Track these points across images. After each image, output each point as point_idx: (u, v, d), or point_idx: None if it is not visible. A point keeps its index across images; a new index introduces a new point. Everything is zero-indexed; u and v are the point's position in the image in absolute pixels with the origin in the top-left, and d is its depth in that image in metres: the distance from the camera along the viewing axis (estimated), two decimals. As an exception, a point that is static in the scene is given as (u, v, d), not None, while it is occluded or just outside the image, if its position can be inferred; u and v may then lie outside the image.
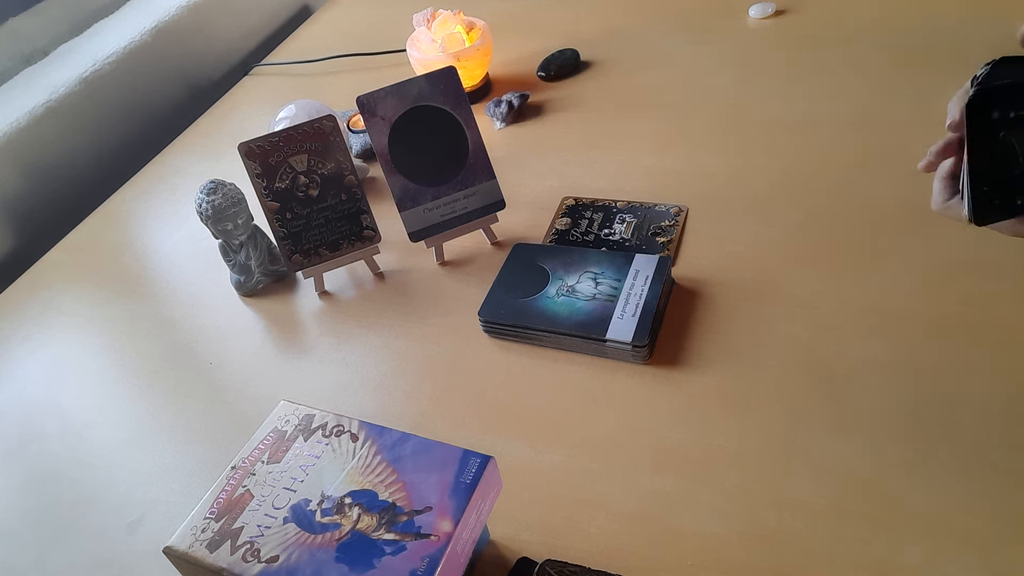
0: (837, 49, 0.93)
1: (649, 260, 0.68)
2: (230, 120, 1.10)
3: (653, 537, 0.51)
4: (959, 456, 0.52)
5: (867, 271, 0.66)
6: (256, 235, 0.77)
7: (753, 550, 0.50)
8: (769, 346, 0.62)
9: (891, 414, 0.55)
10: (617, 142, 0.88)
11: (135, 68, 1.09)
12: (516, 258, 0.72)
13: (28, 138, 0.96)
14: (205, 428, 0.67)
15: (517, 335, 0.67)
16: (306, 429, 0.51)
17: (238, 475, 0.49)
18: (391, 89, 0.73)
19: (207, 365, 0.73)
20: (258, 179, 0.72)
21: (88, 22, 1.13)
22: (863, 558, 0.48)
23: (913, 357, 0.58)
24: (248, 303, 0.79)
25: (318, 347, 0.72)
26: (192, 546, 0.46)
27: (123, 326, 0.79)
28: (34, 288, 0.87)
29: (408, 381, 0.67)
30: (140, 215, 0.95)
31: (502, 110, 0.94)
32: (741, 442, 0.56)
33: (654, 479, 0.55)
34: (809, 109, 0.85)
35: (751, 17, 1.03)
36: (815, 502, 0.51)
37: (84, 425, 0.70)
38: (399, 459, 0.48)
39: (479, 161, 0.75)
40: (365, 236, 0.75)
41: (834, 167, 0.77)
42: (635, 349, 0.62)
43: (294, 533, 0.45)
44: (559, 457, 0.58)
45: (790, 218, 0.73)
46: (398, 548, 0.43)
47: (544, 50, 1.05)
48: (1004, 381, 0.55)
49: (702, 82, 0.94)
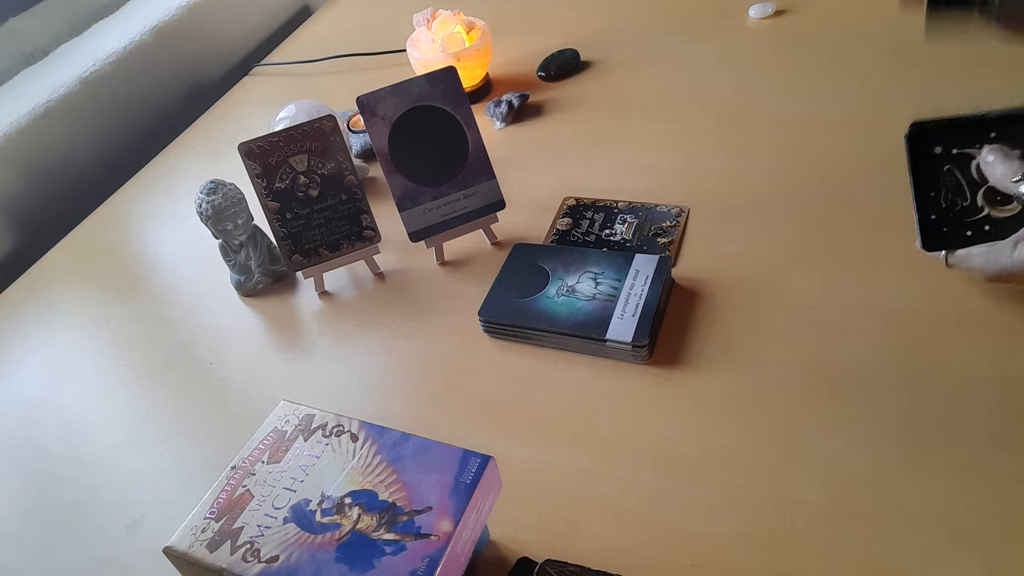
0: (837, 49, 0.93)
1: (649, 260, 0.68)
2: (230, 120, 1.10)
3: (653, 537, 0.51)
4: (959, 456, 0.52)
5: (867, 271, 0.66)
6: (256, 235, 0.77)
7: (753, 550, 0.50)
8: (769, 346, 0.62)
9: (891, 414, 0.55)
10: (617, 142, 0.88)
11: (135, 68, 1.09)
12: (516, 258, 0.72)
13: (28, 138, 0.96)
14: (205, 428, 0.67)
15: (517, 335, 0.67)
16: (306, 429, 0.51)
17: (238, 475, 0.49)
18: (391, 89, 0.73)
19: (207, 365, 0.73)
20: (258, 179, 0.72)
21: (88, 22, 1.13)
22: (863, 558, 0.48)
23: (913, 357, 0.58)
24: (248, 303, 0.79)
25: (318, 347, 0.72)
26: (192, 546, 0.46)
27: (123, 326, 0.79)
28: (34, 288, 0.87)
29: (408, 381, 0.67)
30: (140, 215, 0.95)
31: (502, 110, 0.94)
32: (741, 442, 0.56)
33: (654, 479, 0.55)
34: (809, 109, 0.85)
35: (751, 17, 1.03)
36: (815, 502, 0.51)
37: (84, 425, 0.70)
38: (399, 459, 0.48)
39: (479, 161, 0.75)
40: (365, 236, 0.75)
41: (834, 167, 0.77)
42: (635, 349, 0.62)
43: (294, 533, 0.45)
44: (559, 457, 0.58)
45: (790, 218, 0.73)
46: (398, 548, 0.43)
47: (544, 50, 1.05)
48: (1004, 381, 0.55)
49: (702, 82, 0.94)
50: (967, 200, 0.56)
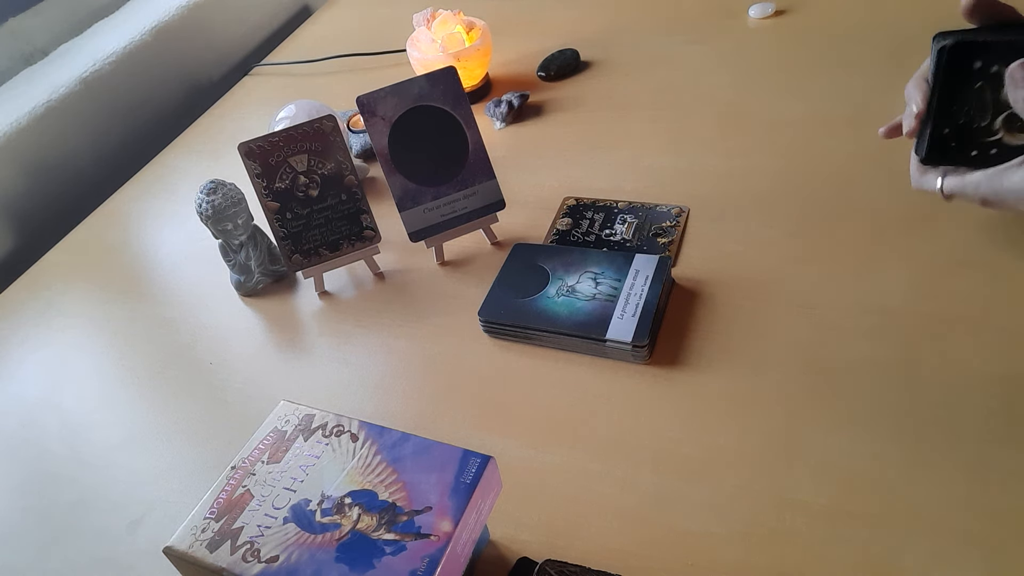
0: (837, 49, 0.93)
1: (649, 260, 0.68)
2: (230, 120, 1.10)
3: (653, 537, 0.51)
4: (959, 456, 0.52)
5: (867, 271, 0.66)
6: (256, 235, 0.77)
7: (753, 550, 0.50)
8: (769, 346, 0.62)
9: (891, 414, 0.55)
10: (617, 142, 0.88)
11: (135, 68, 1.09)
12: (516, 258, 0.72)
13: (28, 138, 0.96)
14: (205, 428, 0.67)
15: (517, 335, 0.67)
16: (306, 429, 0.51)
17: (238, 475, 0.49)
18: (391, 89, 0.73)
19: (207, 365, 0.73)
20: (258, 179, 0.72)
21: (88, 22, 1.13)
22: (863, 558, 0.48)
23: (913, 357, 0.58)
24: (248, 303, 0.79)
25: (318, 347, 0.72)
26: (192, 546, 0.46)
27: (123, 326, 0.79)
28: (34, 288, 0.87)
29: (408, 381, 0.67)
30: (140, 215, 0.95)
31: (502, 110, 0.94)
32: (741, 442, 0.56)
33: (654, 479, 0.55)
34: (809, 109, 0.85)
35: (751, 17, 1.03)
36: (815, 502, 0.51)
37: (84, 425, 0.70)
38: (399, 459, 0.48)
39: (479, 161, 0.75)
40: (365, 236, 0.75)
41: (834, 167, 0.77)
42: (635, 349, 0.62)
43: (294, 533, 0.45)
44: (559, 457, 0.58)
45: (790, 218, 0.73)
46: (398, 548, 0.43)
47: (544, 50, 1.05)
48: (1004, 381, 0.55)
49: (702, 82, 0.94)
50: (986, 121, 0.53)
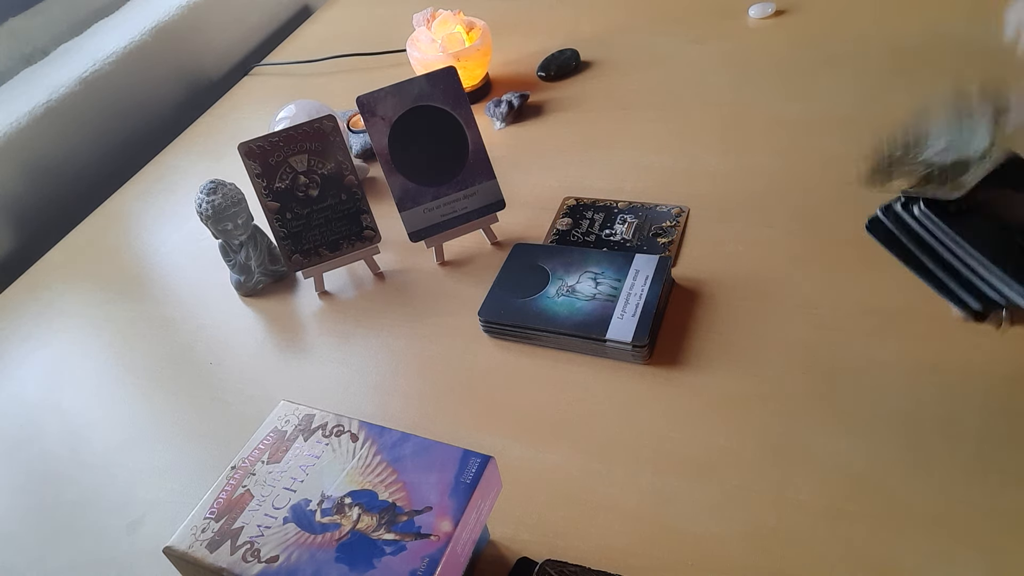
0: (837, 49, 0.93)
1: (649, 260, 0.68)
2: (230, 120, 1.10)
3: (653, 537, 0.51)
4: (959, 456, 0.52)
5: (867, 271, 0.66)
6: (256, 235, 0.77)
7: (753, 550, 0.50)
8: (769, 346, 0.62)
9: (891, 414, 0.55)
10: (617, 142, 0.88)
11: (135, 68, 1.09)
12: (516, 258, 0.72)
13: (28, 138, 0.96)
14: (205, 428, 0.67)
15: (517, 335, 0.67)
16: (306, 429, 0.51)
17: (238, 475, 0.49)
18: (391, 89, 0.73)
19: (207, 365, 0.73)
20: (258, 179, 0.72)
21: (88, 22, 1.13)
22: (863, 558, 0.48)
23: (913, 357, 0.58)
24: (248, 303, 0.79)
25: (318, 347, 0.72)
26: (192, 546, 0.46)
27: (123, 326, 0.79)
28: (34, 288, 0.87)
29: (408, 381, 0.67)
30: (140, 215, 0.95)
31: (502, 110, 0.94)
32: (741, 442, 0.56)
33: (654, 479, 0.55)
34: (809, 109, 0.85)
35: (751, 17, 1.03)
36: (815, 502, 0.51)
37: (84, 425, 0.70)
38: (399, 459, 0.48)
39: (479, 161, 0.75)
40: (365, 236, 0.75)
41: (834, 167, 0.77)
42: (635, 349, 0.62)
43: (294, 533, 0.45)
44: (559, 457, 0.58)
45: (790, 218, 0.73)
46: (398, 548, 0.43)
47: (544, 50, 1.05)
48: (1004, 381, 0.55)
49: (702, 82, 0.94)
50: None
